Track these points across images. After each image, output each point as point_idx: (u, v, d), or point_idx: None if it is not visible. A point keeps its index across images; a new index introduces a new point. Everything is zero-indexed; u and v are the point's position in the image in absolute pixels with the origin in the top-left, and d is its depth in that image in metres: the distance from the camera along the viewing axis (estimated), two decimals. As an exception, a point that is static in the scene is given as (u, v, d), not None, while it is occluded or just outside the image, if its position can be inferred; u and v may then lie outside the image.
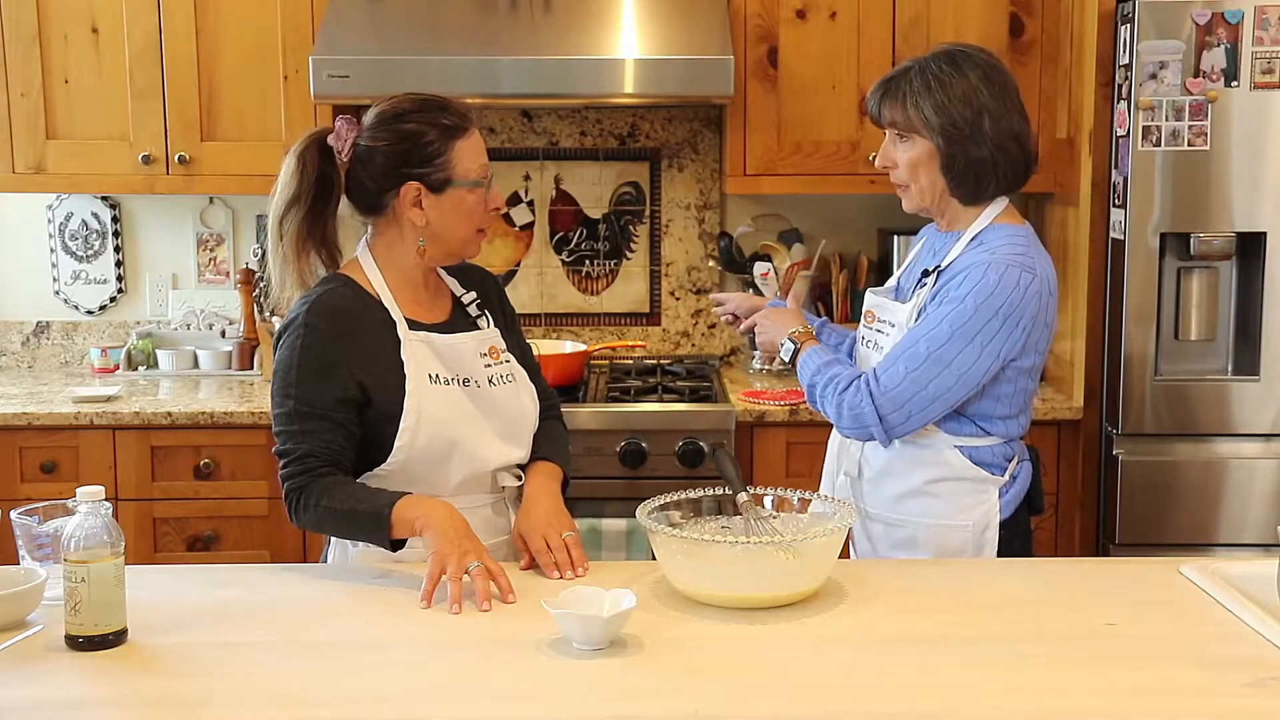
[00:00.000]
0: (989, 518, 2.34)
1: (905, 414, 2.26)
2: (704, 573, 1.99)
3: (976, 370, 2.23)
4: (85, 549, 1.80)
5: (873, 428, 2.29)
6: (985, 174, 2.27)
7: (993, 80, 2.24)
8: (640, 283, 4.04)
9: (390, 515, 2.08)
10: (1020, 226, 2.32)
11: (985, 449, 2.34)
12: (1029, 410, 2.39)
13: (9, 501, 2.32)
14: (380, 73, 3.40)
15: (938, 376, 2.23)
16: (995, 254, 2.23)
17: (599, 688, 1.72)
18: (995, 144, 2.24)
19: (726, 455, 2.29)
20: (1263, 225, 3.20)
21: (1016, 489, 2.37)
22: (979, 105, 2.23)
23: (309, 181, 2.20)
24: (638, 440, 3.32)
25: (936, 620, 1.95)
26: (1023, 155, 2.27)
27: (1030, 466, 2.41)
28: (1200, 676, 1.74)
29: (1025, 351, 2.27)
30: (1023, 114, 2.28)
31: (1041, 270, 2.26)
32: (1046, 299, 2.26)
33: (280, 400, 2.20)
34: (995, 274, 2.21)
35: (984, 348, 2.22)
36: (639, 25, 3.51)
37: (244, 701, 1.69)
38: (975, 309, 2.21)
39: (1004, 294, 2.20)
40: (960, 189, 2.30)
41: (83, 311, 4.07)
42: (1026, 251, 2.25)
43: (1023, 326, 2.23)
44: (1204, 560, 2.16)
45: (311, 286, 2.25)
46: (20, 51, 3.59)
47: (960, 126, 2.24)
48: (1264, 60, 3.14)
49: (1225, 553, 3.24)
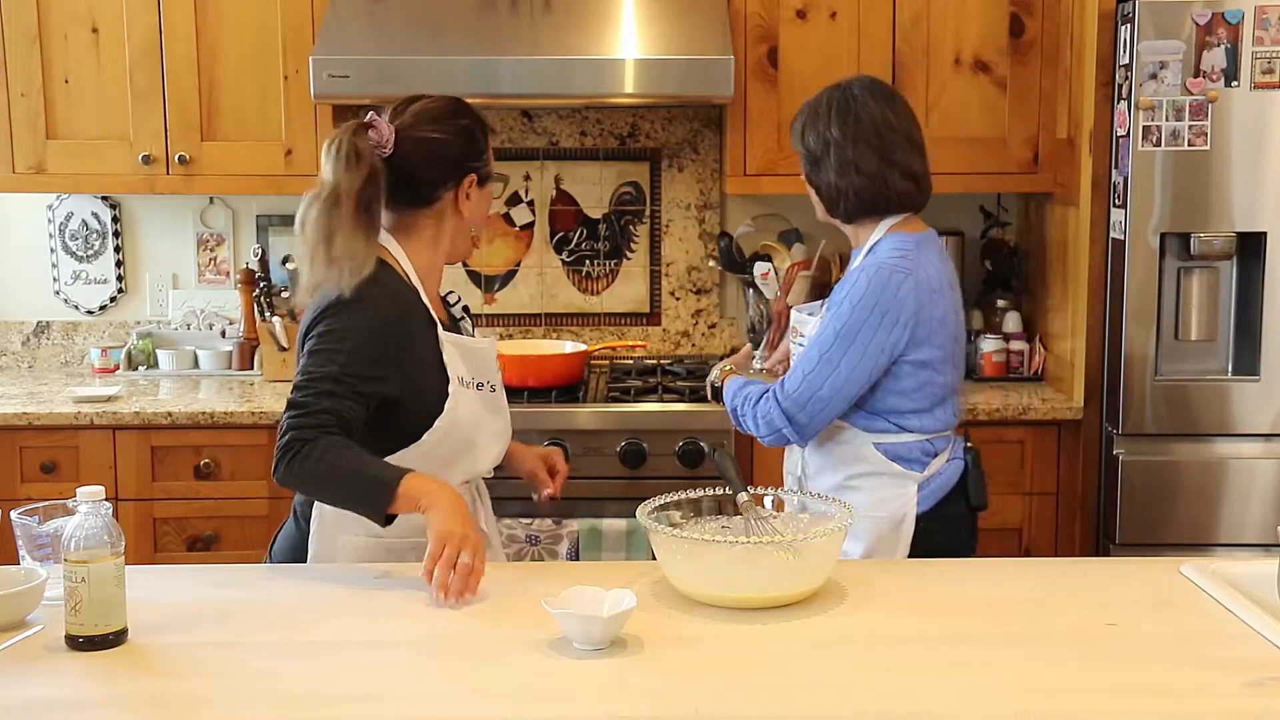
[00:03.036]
0: (905, 510, 2.50)
1: (808, 414, 2.46)
2: (704, 573, 1.99)
3: (864, 366, 2.43)
4: (85, 549, 1.80)
5: (784, 430, 2.48)
6: (836, 197, 2.53)
7: (845, 115, 2.50)
8: (640, 283, 4.04)
9: (398, 486, 2.06)
10: (912, 234, 2.51)
11: (903, 445, 2.50)
12: (949, 406, 2.54)
13: (9, 501, 2.32)
14: (380, 73, 3.40)
15: (830, 376, 2.43)
16: (876, 260, 2.46)
17: (599, 688, 1.72)
18: (838, 172, 2.51)
19: (726, 455, 2.29)
20: (1263, 225, 3.19)
21: (938, 484, 2.53)
22: (827, 138, 2.51)
23: (366, 169, 2.16)
24: (638, 440, 3.32)
25: (936, 620, 1.95)
26: (868, 180, 2.49)
27: (961, 465, 2.57)
28: (1200, 676, 1.74)
29: (915, 346, 2.44)
30: (875, 145, 2.48)
31: (919, 271, 2.44)
32: (926, 296, 2.44)
33: (321, 359, 2.13)
34: (867, 278, 2.43)
35: (866, 346, 2.42)
36: (639, 25, 3.51)
37: (244, 701, 1.69)
38: (852, 310, 2.42)
39: (876, 294, 2.41)
40: (824, 201, 2.57)
41: (83, 311, 4.07)
42: (907, 256, 2.45)
43: (903, 323, 2.42)
44: (1204, 560, 2.16)
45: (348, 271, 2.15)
46: (20, 51, 3.60)
47: (812, 151, 2.55)
48: (1264, 60, 3.14)
49: (1225, 553, 3.24)
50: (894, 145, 2.50)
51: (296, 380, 2.15)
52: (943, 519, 2.53)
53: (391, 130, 2.21)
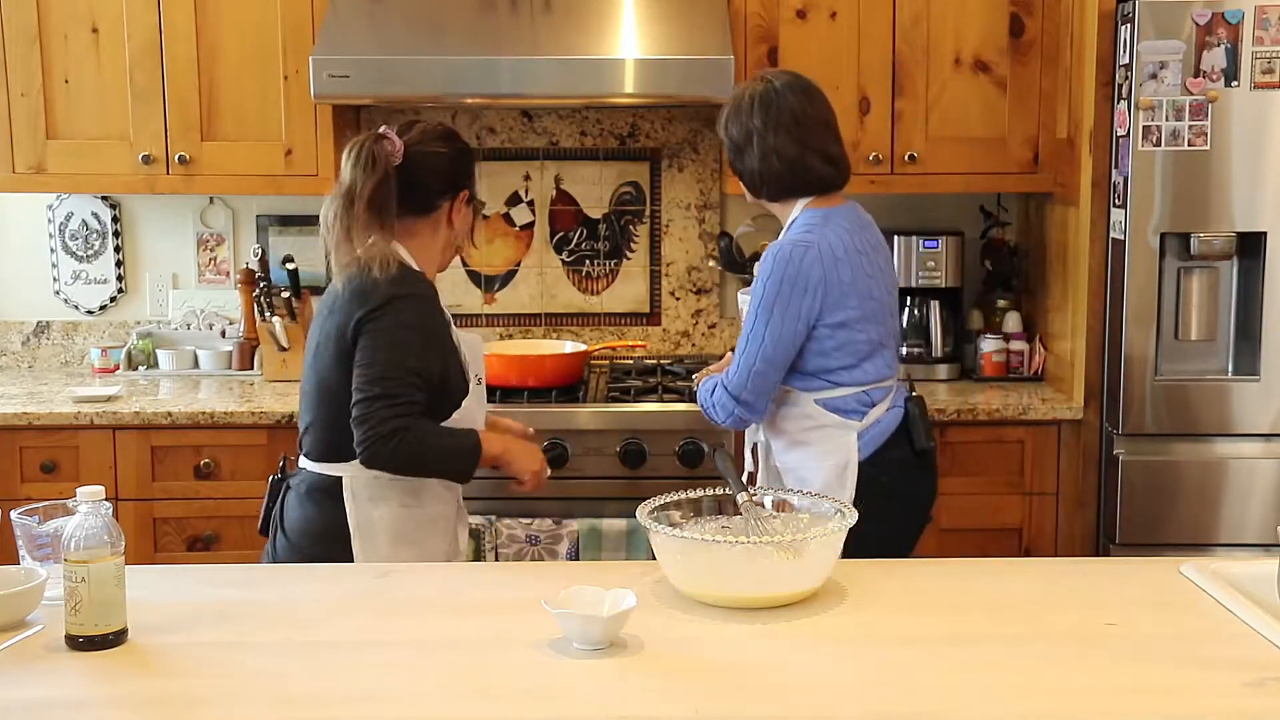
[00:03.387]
0: (848, 457, 2.70)
1: (751, 390, 2.68)
2: (704, 573, 1.99)
3: (785, 335, 2.65)
4: (85, 549, 1.80)
5: (735, 410, 2.71)
6: (759, 182, 2.76)
7: (766, 106, 2.70)
8: (640, 283, 4.04)
9: (482, 451, 2.46)
10: (822, 209, 2.72)
11: (839, 398, 2.71)
12: (879, 359, 2.73)
13: (9, 501, 2.33)
14: (380, 73, 3.40)
15: (759, 350, 2.66)
16: (782, 239, 2.71)
17: (599, 688, 1.72)
18: (760, 159, 2.72)
19: (726, 455, 2.30)
20: (1263, 225, 3.19)
21: (877, 431, 2.73)
22: (749, 127, 2.72)
23: (381, 172, 2.41)
24: (638, 440, 3.32)
25: (936, 620, 1.95)
26: (789, 168, 2.70)
27: (902, 412, 2.77)
28: (1200, 676, 1.74)
29: (828, 310, 2.65)
30: (794, 132, 2.69)
31: (821, 242, 2.65)
32: (831, 262, 2.64)
33: (400, 353, 2.40)
34: (772, 255, 2.67)
35: (783, 316, 2.64)
36: (639, 25, 3.51)
37: (244, 701, 1.69)
38: (764, 287, 2.65)
39: (782, 269, 2.64)
40: (749, 187, 2.80)
41: (83, 311, 4.07)
42: (811, 230, 2.68)
43: (812, 291, 2.63)
44: (1204, 560, 2.17)
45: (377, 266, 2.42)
46: (20, 51, 3.59)
47: (735, 141, 2.75)
48: (1264, 60, 3.14)
49: (1225, 553, 3.24)
50: (811, 132, 2.71)
51: (376, 373, 2.38)
52: (886, 463, 2.72)
53: (401, 144, 2.45)
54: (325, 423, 2.47)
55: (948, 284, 3.74)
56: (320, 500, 2.48)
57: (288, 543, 2.51)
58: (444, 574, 2.24)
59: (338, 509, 2.46)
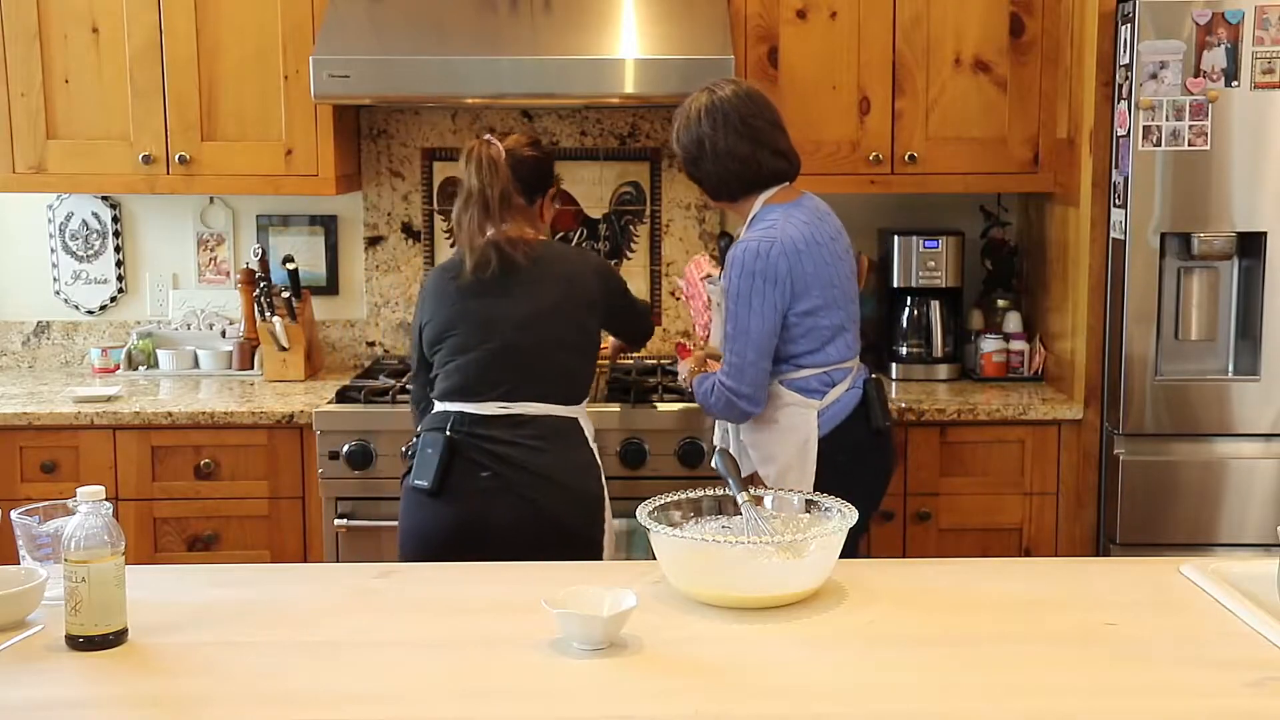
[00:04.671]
0: (808, 434, 2.83)
1: (749, 382, 2.80)
2: (704, 573, 1.99)
3: (766, 323, 2.78)
4: (85, 549, 1.80)
5: (738, 404, 2.81)
6: (717, 180, 2.89)
7: (713, 112, 2.84)
8: (641, 282, 4.04)
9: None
10: (779, 205, 2.86)
11: (802, 379, 2.85)
12: (840, 342, 2.87)
13: (9, 501, 2.33)
14: (380, 73, 3.40)
15: (746, 341, 2.78)
16: (747, 235, 2.83)
17: (599, 688, 1.72)
18: (715, 160, 2.86)
19: (726, 455, 2.29)
20: (1263, 225, 3.20)
21: (836, 410, 2.86)
22: (699, 134, 2.86)
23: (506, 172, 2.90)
24: (638, 440, 3.32)
25: (936, 620, 1.95)
26: (745, 166, 2.85)
27: (860, 393, 2.90)
28: (1200, 676, 1.75)
29: (796, 299, 2.78)
30: (744, 133, 2.83)
31: (783, 234, 2.78)
32: (794, 255, 2.77)
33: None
34: (740, 251, 2.79)
35: (762, 306, 2.76)
36: (639, 25, 3.51)
37: (244, 701, 1.69)
38: (738, 280, 2.78)
39: (751, 263, 2.77)
40: (709, 192, 2.95)
41: (83, 311, 4.07)
42: (773, 225, 2.80)
43: (780, 282, 2.76)
44: (1204, 560, 2.17)
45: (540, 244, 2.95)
46: (20, 51, 3.60)
47: (689, 148, 2.89)
48: (1264, 60, 3.14)
49: (1225, 553, 3.24)
50: (759, 130, 2.85)
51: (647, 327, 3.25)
52: (842, 442, 2.85)
53: (503, 149, 2.90)
54: (563, 372, 2.87)
55: (948, 284, 3.74)
56: (567, 440, 2.84)
57: (550, 483, 2.79)
58: (444, 574, 2.24)
59: (582, 446, 2.86)
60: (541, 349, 2.85)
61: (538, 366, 2.85)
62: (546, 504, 2.78)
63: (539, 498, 2.78)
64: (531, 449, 2.80)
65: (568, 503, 2.81)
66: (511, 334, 2.84)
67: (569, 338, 2.88)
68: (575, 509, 2.82)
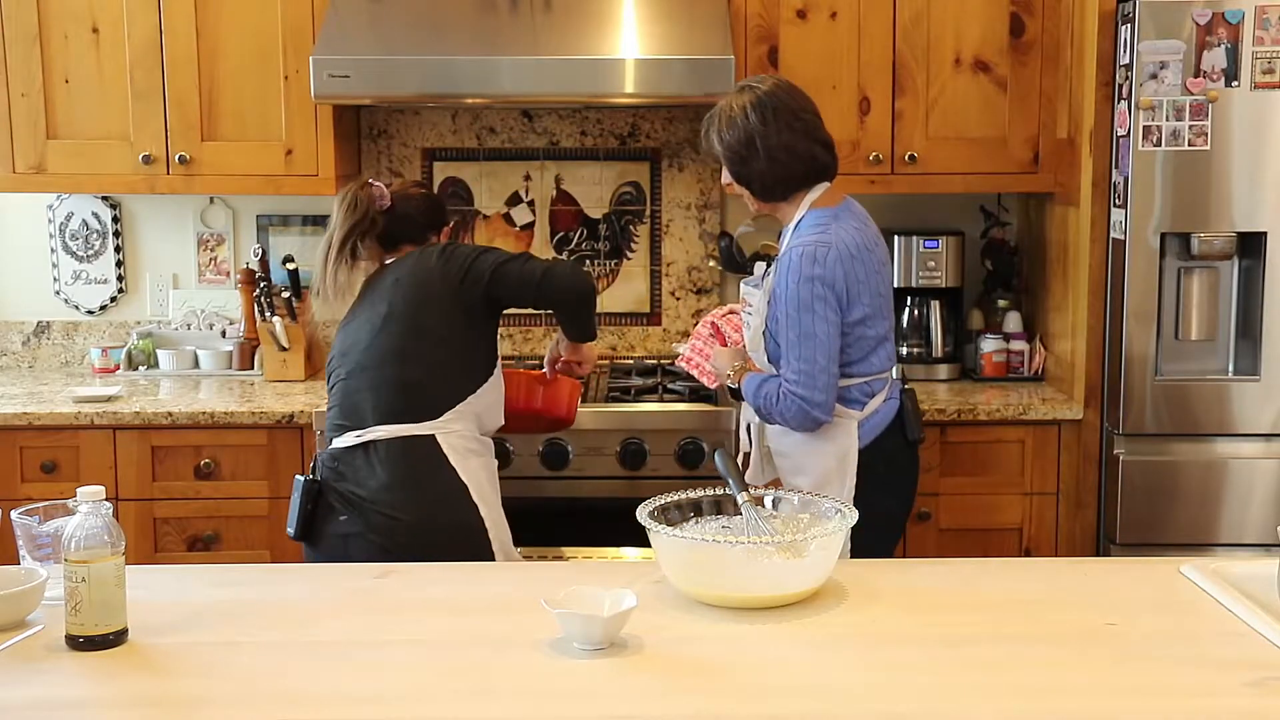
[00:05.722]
0: (848, 446, 2.73)
1: (821, 389, 2.67)
2: (704, 573, 1.99)
3: (830, 327, 2.67)
4: (85, 549, 1.80)
5: (811, 412, 2.67)
6: (771, 179, 2.76)
7: (763, 108, 2.72)
8: (641, 283, 4.04)
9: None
10: (826, 209, 2.75)
11: (843, 389, 2.73)
12: (881, 352, 2.77)
13: (9, 501, 2.33)
14: (380, 73, 3.40)
15: (815, 346, 2.66)
16: (800, 239, 2.71)
17: (599, 688, 1.72)
18: (769, 158, 2.73)
19: (726, 455, 2.29)
20: (1263, 225, 3.19)
21: (876, 421, 2.77)
22: (749, 131, 2.72)
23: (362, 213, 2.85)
24: (638, 440, 3.32)
25: (936, 620, 1.95)
26: (800, 159, 2.74)
27: (898, 404, 2.81)
28: (1200, 676, 1.75)
29: (849, 307, 2.69)
30: (796, 127, 2.73)
31: (837, 239, 2.69)
32: (849, 261, 2.68)
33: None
34: (797, 255, 2.67)
35: (824, 311, 2.66)
36: (639, 25, 3.51)
37: (244, 701, 1.69)
38: (797, 285, 2.66)
39: (810, 268, 2.65)
40: (758, 194, 2.80)
41: (83, 311, 4.07)
42: (825, 229, 2.70)
43: (837, 288, 2.66)
44: (1204, 560, 2.17)
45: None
46: (20, 51, 3.60)
47: (737, 148, 2.75)
48: (1264, 60, 3.14)
49: (1225, 553, 3.24)
50: (808, 123, 2.75)
51: (530, 261, 2.85)
52: (881, 452, 2.77)
53: (385, 190, 2.89)
54: (401, 386, 2.70)
55: (948, 284, 3.74)
56: (423, 466, 2.65)
57: (397, 523, 2.61)
58: (444, 574, 2.24)
59: (440, 469, 2.65)
60: (380, 367, 2.73)
61: (378, 384, 2.72)
62: (398, 547, 2.57)
63: (387, 542, 2.60)
64: (382, 485, 2.64)
65: (427, 544, 2.54)
66: (356, 358, 2.77)
67: (406, 346, 2.72)
68: (440, 547, 2.50)
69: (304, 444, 3.38)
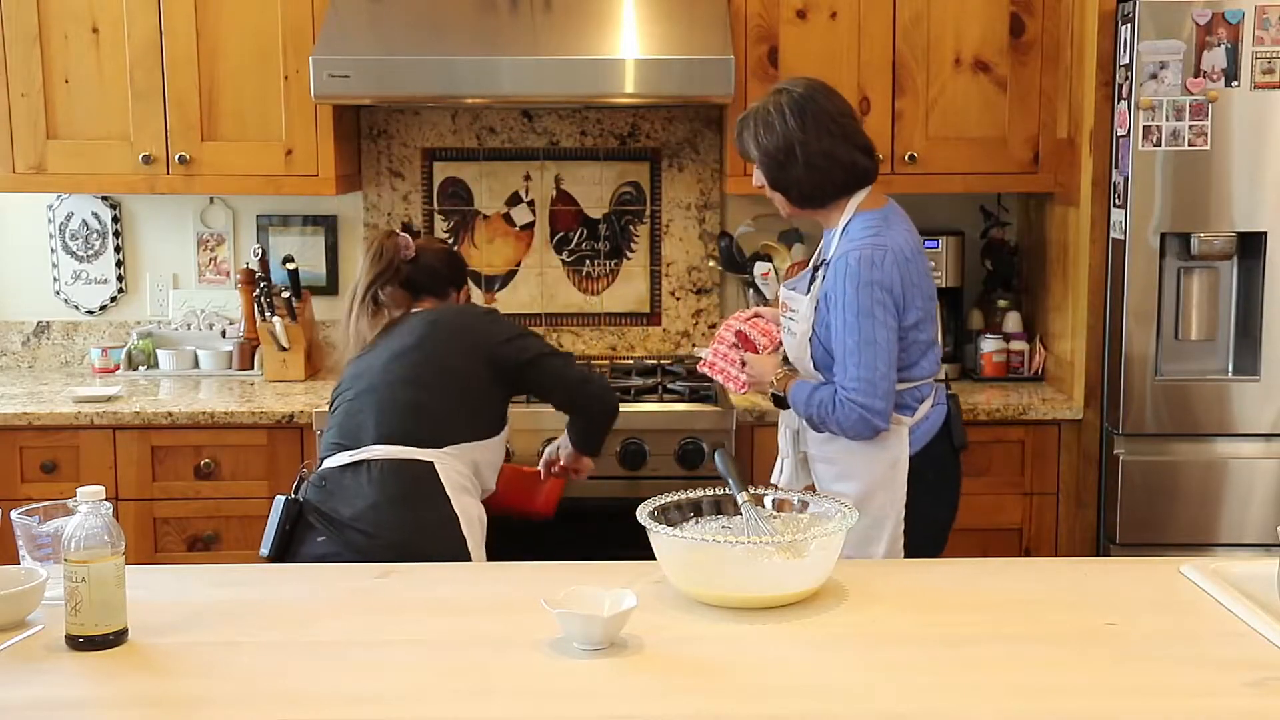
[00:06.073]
0: (900, 452, 2.68)
1: (882, 396, 2.60)
2: (704, 573, 1.99)
3: (889, 333, 2.61)
4: (85, 549, 1.80)
5: (873, 420, 2.60)
6: (810, 186, 2.68)
7: (802, 112, 2.65)
8: (641, 283, 4.04)
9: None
10: (875, 210, 2.69)
11: (896, 394, 2.66)
12: (931, 356, 2.73)
13: (9, 501, 2.33)
14: (381, 73, 3.40)
15: (879, 354, 2.59)
16: (852, 243, 2.63)
17: (599, 688, 1.72)
18: (808, 164, 2.65)
19: (726, 455, 2.29)
20: (1263, 225, 3.19)
21: (926, 427, 2.72)
22: (788, 136, 2.64)
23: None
24: (638, 440, 3.32)
25: (937, 620, 1.95)
26: (840, 165, 2.66)
27: (945, 409, 2.77)
28: (1200, 676, 1.75)
29: (906, 309, 2.63)
30: (836, 132, 2.65)
31: (892, 243, 2.62)
32: (904, 264, 2.63)
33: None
34: (855, 259, 2.60)
35: (884, 318, 2.60)
36: (639, 25, 3.51)
37: (244, 701, 1.69)
38: (857, 291, 2.59)
39: (868, 272, 2.59)
40: (797, 200, 2.72)
41: (83, 311, 4.07)
42: (878, 232, 2.64)
43: (895, 292, 2.61)
44: (1204, 560, 2.17)
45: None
46: (20, 51, 3.60)
47: (775, 154, 2.67)
48: (1264, 60, 3.14)
49: (1225, 553, 3.24)
50: (848, 127, 2.69)
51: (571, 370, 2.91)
52: (930, 458, 2.72)
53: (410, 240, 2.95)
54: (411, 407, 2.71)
55: (948, 284, 3.74)
56: (415, 491, 2.64)
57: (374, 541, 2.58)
58: (444, 574, 2.24)
59: (434, 496, 2.64)
60: (390, 388, 2.74)
61: (385, 404, 2.73)
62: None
63: (363, 560, 2.45)
64: (369, 504, 2.63)
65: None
66: (372, 378, 2.78)
67: (423, 375, 2.75)
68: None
69: (304, 444, 3.38)
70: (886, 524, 2.67)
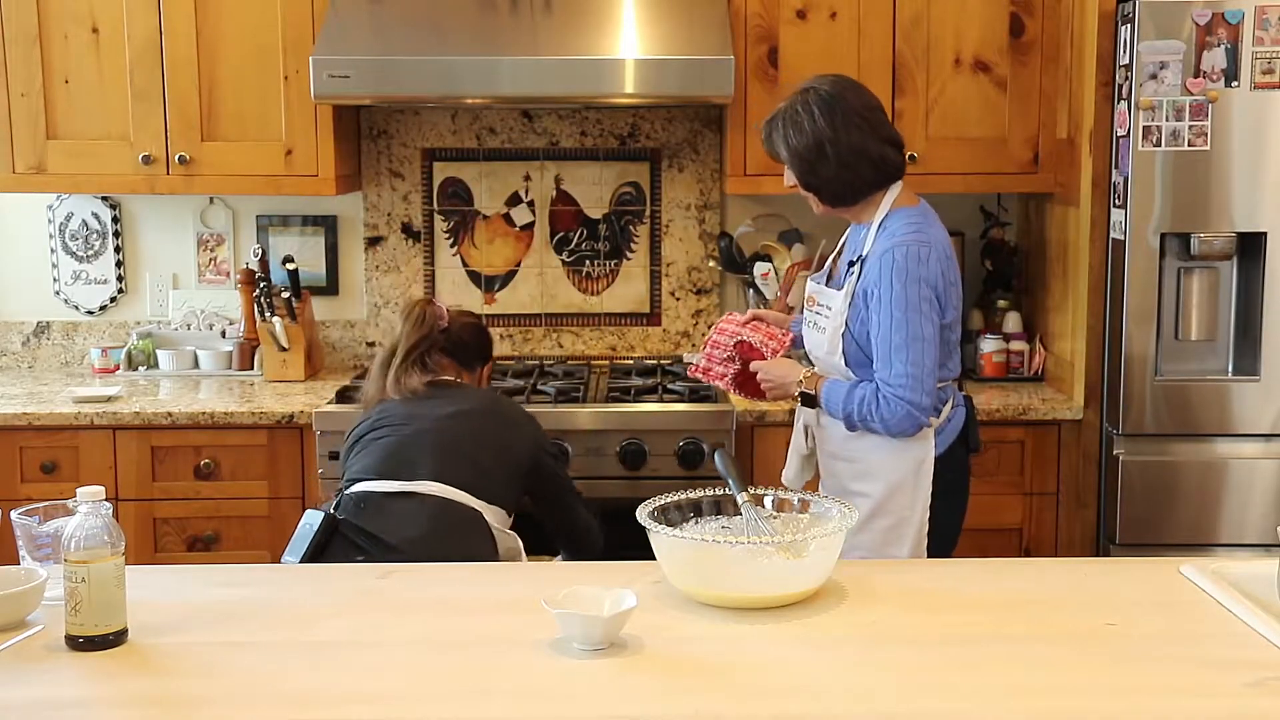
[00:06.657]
0: (925, 453, 2.67)
1: (927, 391, 2.59)
2: (704, 573, 1.99)
3: (934, 328, 2.60)
4: (85, 549, 1.80)
5: (916, 416, 2.59)
6: (841, 185, 2.68)
7: (831, 110, 2.63)
8: (640, 283, 4.04)
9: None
10: (914, 207, 2.70)
11: None
12: (956, 355, 2.74)
13: (9, 501, 2.33)
14: (380, 73, 3.40)
15: (922, 349, 2.58)
16: (895, 238, 2.62)
17: (599, 688, 1.72)
18: (839, 162, 2.64)
19: (726, 455, 2.29)
20: (1263, 225, 3.20)
21: (950, 429, 2.72)
22: (818, 135, 2.63)
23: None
24: (638, 440, 3.32)
25: (937, 620, 1.95)
26: (871, 162, 2.65)
27: (964, 411, 2.77)
28: (1200, 676, 1.75)
29: (945, 307, 2.64)
30: (865, 128, 2.64)
31: (934, 239, 2.64)
32: (944, 261, 2.64)
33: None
34: (901, 255, 2.59)
35: (930, 312, 2.60)
36: (639, 25, 3.51)
37: (244, 701, 1.69)
38: (903, 286, 2.58)
39: (914, 268, 2.58)
40: (828, 198, 2.72)
41: (83, 311, 4.07)
42: (920, 228, 2.64)
43: (939, 288, 2.61)
44: (1204, 560, 2.16)
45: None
46: (20, 51, 3.60)
47: (805, 154, 2.65)
48: (1264, 60, 3.14)
49: (1225, 553, 3.24)
50: (877, 122, 2.67)
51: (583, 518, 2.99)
52: (949, 461, 2.71)
53: (445, 310, 3.00)
54: (473, 460, 2.77)
55: (948, 284, 3.74)
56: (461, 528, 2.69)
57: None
58: (444, 574, 2.24)
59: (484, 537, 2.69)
60: (456, 437, 2.79)
61: (447, 448, 2.77)
62: None
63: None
64: (421, 535, 2.64)
65: None
66: (431, 423, 2.80)
67: (485, 439, 2.81)
68: None
69: (304, 444, 3.38)
70: (910, 526, 2.67)
